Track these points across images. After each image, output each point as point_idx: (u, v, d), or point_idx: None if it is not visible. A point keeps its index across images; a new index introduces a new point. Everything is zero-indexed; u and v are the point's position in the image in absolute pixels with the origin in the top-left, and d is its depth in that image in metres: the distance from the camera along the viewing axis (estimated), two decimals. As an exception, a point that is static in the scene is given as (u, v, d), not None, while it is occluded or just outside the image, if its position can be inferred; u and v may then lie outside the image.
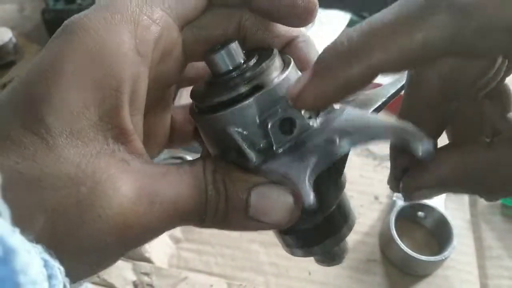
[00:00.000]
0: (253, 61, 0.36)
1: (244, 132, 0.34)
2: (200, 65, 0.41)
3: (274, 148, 0.34)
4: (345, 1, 1.16)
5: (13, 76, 1.15)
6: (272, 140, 0.34)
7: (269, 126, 0.34)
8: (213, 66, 0.36)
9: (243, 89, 0.34)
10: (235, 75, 0.35)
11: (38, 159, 0.29)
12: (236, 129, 0.34)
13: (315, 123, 0.35)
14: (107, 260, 0.34)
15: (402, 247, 0.73)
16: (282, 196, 0.34)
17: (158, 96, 0.40)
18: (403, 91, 0.39)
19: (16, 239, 0.21)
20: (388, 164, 0.90)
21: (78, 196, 0.29)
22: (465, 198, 0.87)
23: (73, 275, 0.26)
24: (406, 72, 0.37)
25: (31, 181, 0.29)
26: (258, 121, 0.34)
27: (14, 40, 1.17)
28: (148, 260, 0.75)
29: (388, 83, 0.40)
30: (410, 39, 0.29)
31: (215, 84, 0.37)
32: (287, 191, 0.34)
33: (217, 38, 0.38)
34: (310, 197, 0.32)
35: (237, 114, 0.34)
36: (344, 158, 0.37)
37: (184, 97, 1.01)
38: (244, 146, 0.34)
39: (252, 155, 0.34)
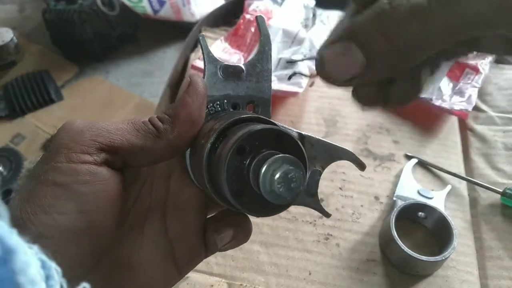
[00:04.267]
0: None
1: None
2: None
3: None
4: (345, 1, 1.16)
5: (14, 76, 1.15)
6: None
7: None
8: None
9: None
10: None
11: None
12: None
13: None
14: None
15: (402, 247, 0.73)
16: None
17: None
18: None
19: (15, 240, 0.21)
20: (388, 164, 0.91)
21: None
22: (465, 198, 0.87)
23: None
24: None
25: None
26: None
27: (15, 40, 1.17)
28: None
29: None
30: None
31: None
32: None
33: None
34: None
35: None
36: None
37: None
38: None
39: None
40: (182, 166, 0.47)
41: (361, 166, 0.47)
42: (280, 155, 0.36)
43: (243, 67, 0.46)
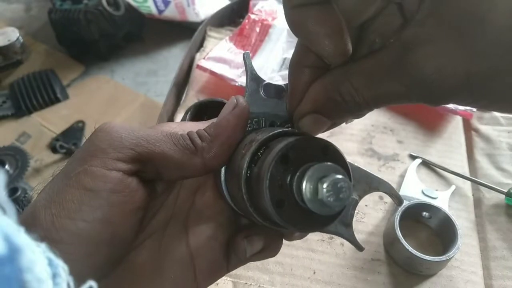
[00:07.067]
0: None
1: None
2: None
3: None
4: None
5: (20, 75, 1.16)
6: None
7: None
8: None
9: None
10: None
11: None
12: None
13: None
14: None
15: (407, 247, 0.73)
16: None
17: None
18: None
19: (22, 238, 0.22)
20: (393, 164, 0.91)
21: None
22: (470, 198, 0.87)
23: None
24: None
25: None
26: None
27: (21, 39, 1.17)
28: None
29: None
30: None
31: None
32: None
33: None
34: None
35: None
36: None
37: (189, 97, 1.02)
38: None
39: None
40: (214, 182, 0.46)
41: (399, 201, 0.47)
42: (329, 163, 0.36)
43: (284, 86, 0.45)
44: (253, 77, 0.45)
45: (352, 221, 0.45)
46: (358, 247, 0.46)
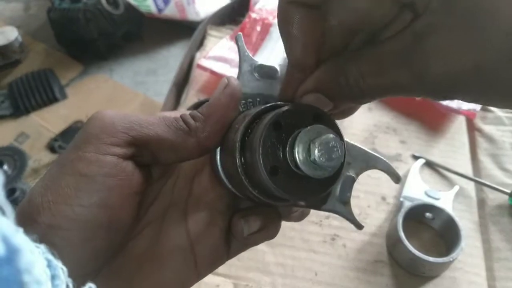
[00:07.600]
0: None
1: None
2: None
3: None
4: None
5: (18, 75, 1.15)
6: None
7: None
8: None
9: None
10: None
11: None
12: None
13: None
14: None
15: (410, 248, 0.72)
16: None
17: None
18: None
19: (20, 239, 0.21)
20: (396, 164, 0.90)
21: None
22: (473, 199, 0.86)
23: None
24: None
25: None
26: None
27: (19, 39, 1.17)
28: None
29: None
30: None
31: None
32: None
33: None
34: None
35: None
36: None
37: (190, 96, 1.01)
38: None
39: None
40: (210, 166, 0.47)
41: (396, 178, 0.46)
42: (320, 125, 0.36)
43: (277, 67, 0.45)
44: (245, 58, 0.45)
45: (350, 199, 0.45)
46: (357, 225, 0.45)
